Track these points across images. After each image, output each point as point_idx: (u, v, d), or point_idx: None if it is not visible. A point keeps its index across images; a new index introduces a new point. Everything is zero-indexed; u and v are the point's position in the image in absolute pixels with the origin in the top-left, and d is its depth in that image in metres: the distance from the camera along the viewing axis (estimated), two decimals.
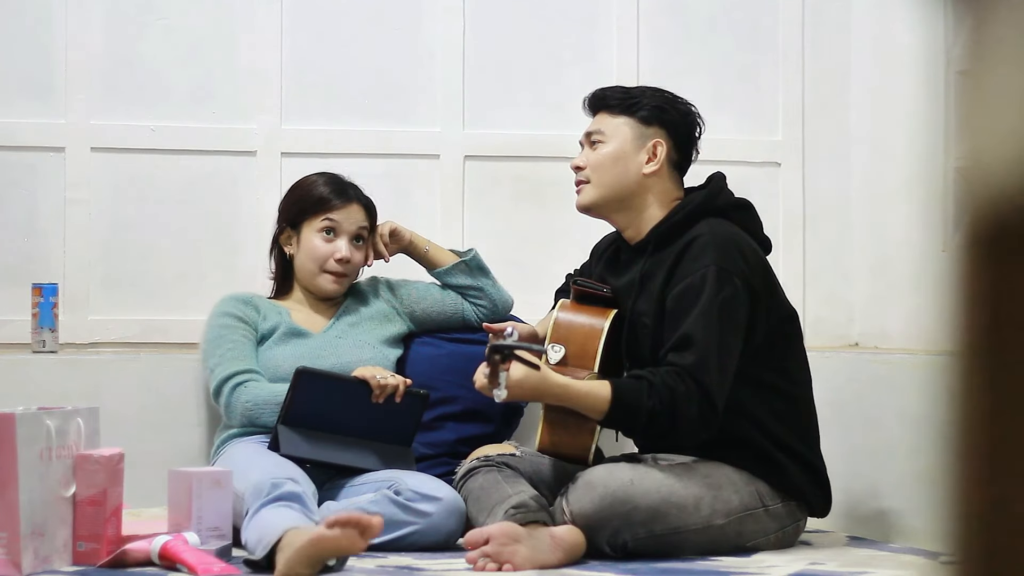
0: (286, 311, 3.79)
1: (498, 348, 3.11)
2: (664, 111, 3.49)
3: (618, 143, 3.48)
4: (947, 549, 0.79)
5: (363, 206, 3.80)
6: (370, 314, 3.85)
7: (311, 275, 3.78)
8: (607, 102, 3.52)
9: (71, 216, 4.11)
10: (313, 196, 3.76)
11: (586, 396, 3.22)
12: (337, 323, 3.81)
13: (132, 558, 3.08)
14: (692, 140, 3.52)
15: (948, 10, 0.81)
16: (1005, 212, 0.76)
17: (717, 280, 3.29)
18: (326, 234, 3.75)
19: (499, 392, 3.13)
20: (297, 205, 3.78)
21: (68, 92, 4.13)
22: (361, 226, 3.78)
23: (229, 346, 3.68)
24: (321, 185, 3.78)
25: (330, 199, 3.75)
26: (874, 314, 4.38)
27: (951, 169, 3.76)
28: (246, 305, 3.76)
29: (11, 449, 2.97)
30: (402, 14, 4.33)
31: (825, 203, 4.50)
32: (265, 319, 3.75)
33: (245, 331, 3.71)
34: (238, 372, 3.64)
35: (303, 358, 3.65)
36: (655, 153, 3.47)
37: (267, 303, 3.81)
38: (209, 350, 3.71)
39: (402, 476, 3.42)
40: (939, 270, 0.80)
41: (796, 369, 3.47)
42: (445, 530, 3.34)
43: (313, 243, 3.75)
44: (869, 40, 4.44)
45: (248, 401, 3.60)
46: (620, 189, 3.47)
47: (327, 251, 3.75)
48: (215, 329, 3.71)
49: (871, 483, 3.76)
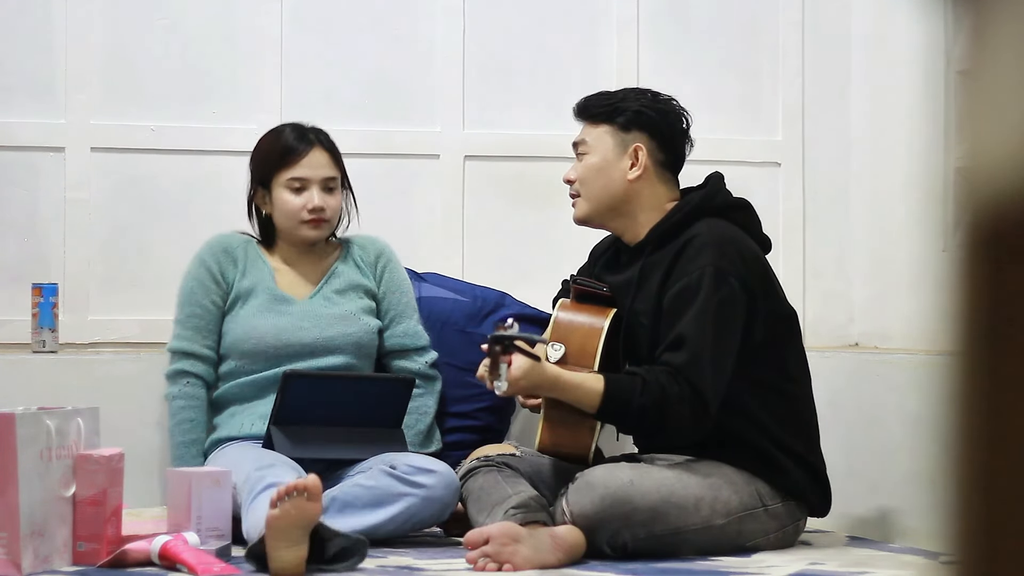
0: (270, 271, 3.77)
1: (499, 339, 3.11)
2: (641, 114, 3.47)
3: (600, 153, 3.48)
4: (947, 549, 0.79)
5: (326, 149, 3.76)
6: (357, 282, 3.82)
7: (291, 229, 3.76)
8: (589, 111, 3.52)
9: (71, 216, 4.11)
10: (276, 150, 3.74)
11: (578, 388, 3.24)
12: (324, 288, 3.79)
13: (132, 558, 3.08)
14: (676, 137, 3.49)
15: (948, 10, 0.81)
16: (1005, 212, 0.76)
17: (714, 281, 3.29)
18: (295, 190, 3.72)
19: (499, 384, 3.13)
20: (263, 162, 3.77)
21: (68, 92, 4.12)
22: (327, 176, 3.74)
23: (197, 310, 3.73)
24: (283, 136, 3.76)
25: (294, 147, 3.72)
26: (874, 314, 4.38)
27: (951, 169, 3.76)
28: (226, 256, 3.76)
29: (11, 449, 2.97)
30: (402, 14, 4.33)
31: (825, 203, 4.50)
32: (244, 275, 3.74)
33: (216, 295, 3.73)
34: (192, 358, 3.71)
35: (285, 330, 3.68)
36: (637, 158, 3.46)
37: (253, 253, 3.79)
38: (179, 301, 3.76)
39: (397, 456, 3.47)
40: (939, 270, 0.80)
41: (795, 369, 3.47)
42: (441, 502, 3.38)
43: (284, 198, 3.73)
44: (869, 40, 4.44)
45: (173, 403, 3.71)
46: (609, 199, 3.47)
47: (299, 204, 3.72)
48: (189, 280, 3.75)
49: (871, 483, 3.76)
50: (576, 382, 3.25)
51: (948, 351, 0.79)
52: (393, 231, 4.24)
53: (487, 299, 4.06)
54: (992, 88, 0.77)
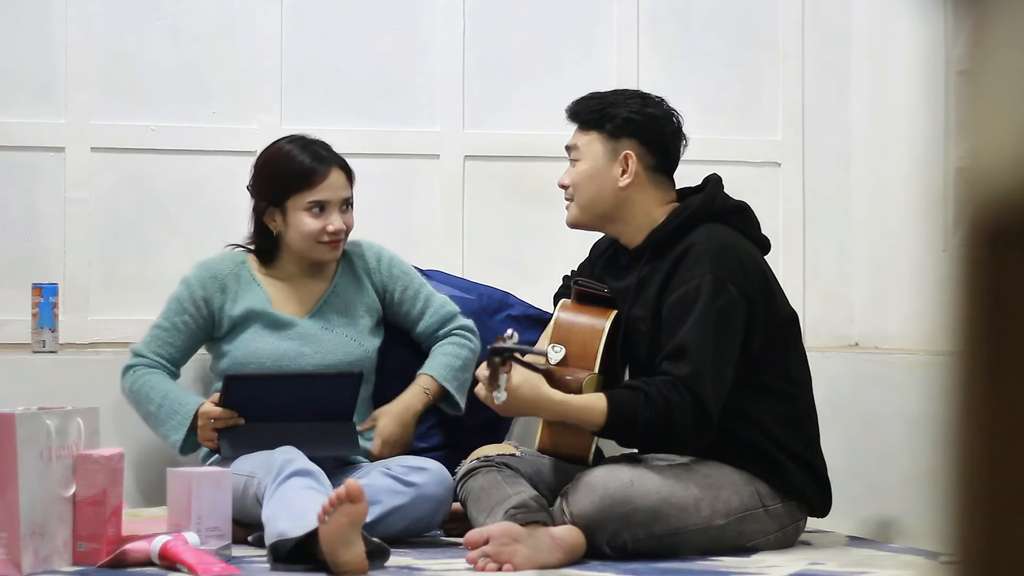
0: (264, 295, 3.71)
1: (498, 351, 3.11)
2: (631, 121, 3.44)
3: (591, 160, 3.46)
4: (947, 549, 0.79)
5: (341, 168, 3.69)
6: (358, 299, 3.78)
7: (307, 250, 3.68)
8: (580, 117, 3.50)
9: (71, 216, 4.10)
10: (294, 171, 3.64)
11: (582, 410, 3.23)
12: (323, 308, 3.75)
13: (132, 558, 3.08)
14: (667, 140, 3.46)
15: (948, 10, 0.81)
16: (1005, 212, 0.76)
17: (713, 289, 3.28)
18: (315, 210, 3.65)
19: (498, 395, 3.13)
20: (276, 182, 3.67)
21: (68, 92, 4.12)
22: (345, 196, 3.68)
23: (167, 325, 3.70)
24: (297, 155, 3.66)
25: (313, 170, 3.63)
26: (874, 314, 4.39)
27: (951, 169, 3.76)
28: (214, 282, 3.70)
29: (11, 449, 2.97)
30: (402, 14, 4.33)
31: (825, 203, 4.50)
32: (236, 301, 3.69)
33: (190, 318, 3.69)
34: (143, 357, 3.69)
35: (285, 356, 3.65)
36: (627, 165, 3.44)
37: (246, 277, 3.73)
38: (163, 309, 3.73)
39: (391, 460, 3.55)
40: (939, 270, 0.80)
41: (796, 370, 3.46)
42: (435, 499, 3.43)
43: (302, 221, 3.64)
44: (869, 40, 4.44)
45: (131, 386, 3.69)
46: (601, 206, 3.46)
47: (318, 227, 3.64)
48: (173, 299, 3.72)
49: (871, 483, 3.76)
50: (580, 405, 3.24)
51: (948, 351, 0.79)
52: (393, 231, 4.25)
53: (492, 297, 4.06)
54: (992, 88, 0.77)
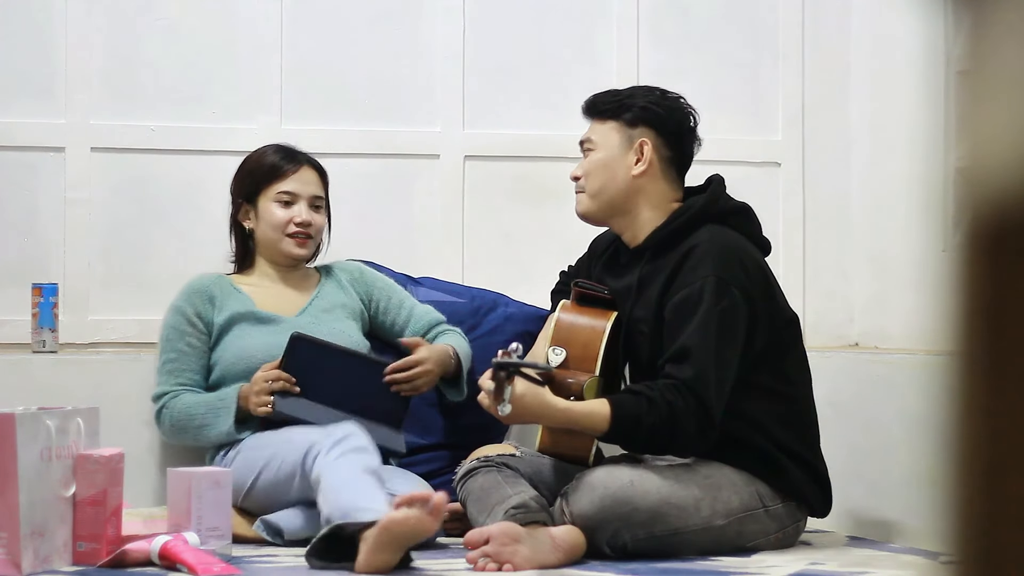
0: (248, 299, 3.74)
1: (503, 365, 3.11)
2: (648, 110, 3.47)
3: (606, 149, 3.47)
4: (947, 549, 0.79)
5: (314, 168, 3.79)
6: (343, 301, 3.82)
7: (274, 243, 3.75)
8: (597, 108, 3.51)
9: (71, 216, 4.10)
10: (264, 166, 3.76)
11: (586, 417, 3.23)
12: (310, 308, 3.77)
13: (132, 558, 3.08)
14: (683, 133, 3.49)
15: (948, 10, 0.81)
16: (1005, 212, 0.76)
17: (716, 291, 3.28)
18: (283, 203, 3.74)
19: (503, 408, 3.13)
20: (250, 178, 3.78)
21: (68, 92, 4.12)
22: (315, 194, 3.77)
23: (173, 355, 3.70)
24: (270, 154, 3.79)
25: (282, 165, 3.75)
26: (874, 314, 4.38)
27: (951, 169, 3.76)
28: (201, 297, 3.72)
29: (11, 449, 2.97)
30: (402, 14, 4.33)
31: (825, 203, 4.50)
32: (222, 310, 3.71)
33: (193, 337, 3.70)
34: (166, 394, 3.68)
35: (274, 346, 3.62)
36: (642, 152, 3.46)
37: (228, 288, 3.75)
38: (160, 347, 3.74)
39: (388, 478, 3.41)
40: (939, 270, 0.80)
41: (796, 372, 3.47)
42: None
43: (271, 210, 3.74)
44: (869, 40, 4.44)
45: (171, 419, 3.67)
46: (613, 194, 3.47)
47: (286, 216, 3.73)
48: (167, 328, 3.73)
49: (871, 483, 3.76)
50: (584, 412, 3.23)
51: (948, 351, 0.79)
52: (393, 231, 4.25)
53: (485, 298, 4.06)
54: (992, 88, 0.77)
